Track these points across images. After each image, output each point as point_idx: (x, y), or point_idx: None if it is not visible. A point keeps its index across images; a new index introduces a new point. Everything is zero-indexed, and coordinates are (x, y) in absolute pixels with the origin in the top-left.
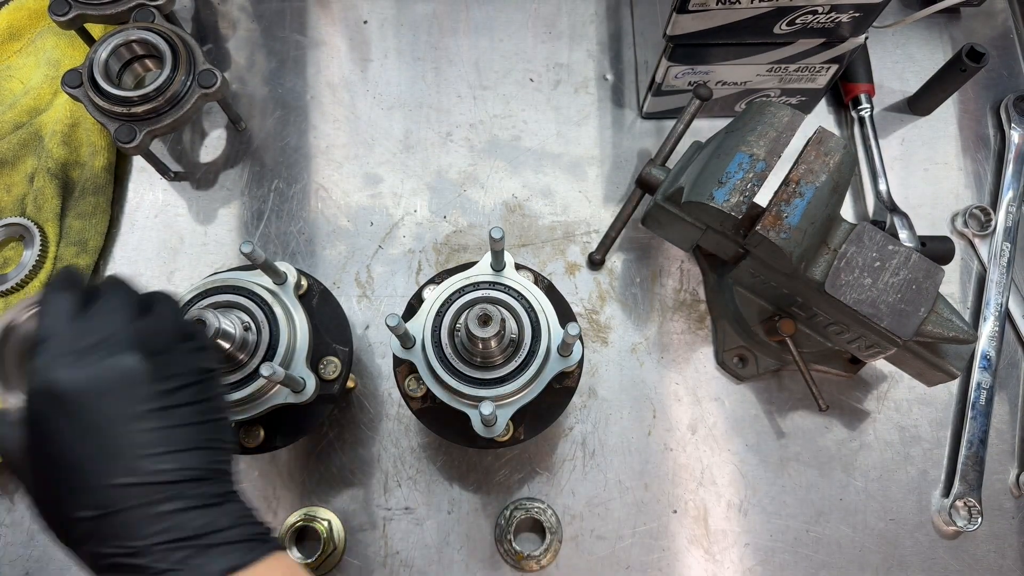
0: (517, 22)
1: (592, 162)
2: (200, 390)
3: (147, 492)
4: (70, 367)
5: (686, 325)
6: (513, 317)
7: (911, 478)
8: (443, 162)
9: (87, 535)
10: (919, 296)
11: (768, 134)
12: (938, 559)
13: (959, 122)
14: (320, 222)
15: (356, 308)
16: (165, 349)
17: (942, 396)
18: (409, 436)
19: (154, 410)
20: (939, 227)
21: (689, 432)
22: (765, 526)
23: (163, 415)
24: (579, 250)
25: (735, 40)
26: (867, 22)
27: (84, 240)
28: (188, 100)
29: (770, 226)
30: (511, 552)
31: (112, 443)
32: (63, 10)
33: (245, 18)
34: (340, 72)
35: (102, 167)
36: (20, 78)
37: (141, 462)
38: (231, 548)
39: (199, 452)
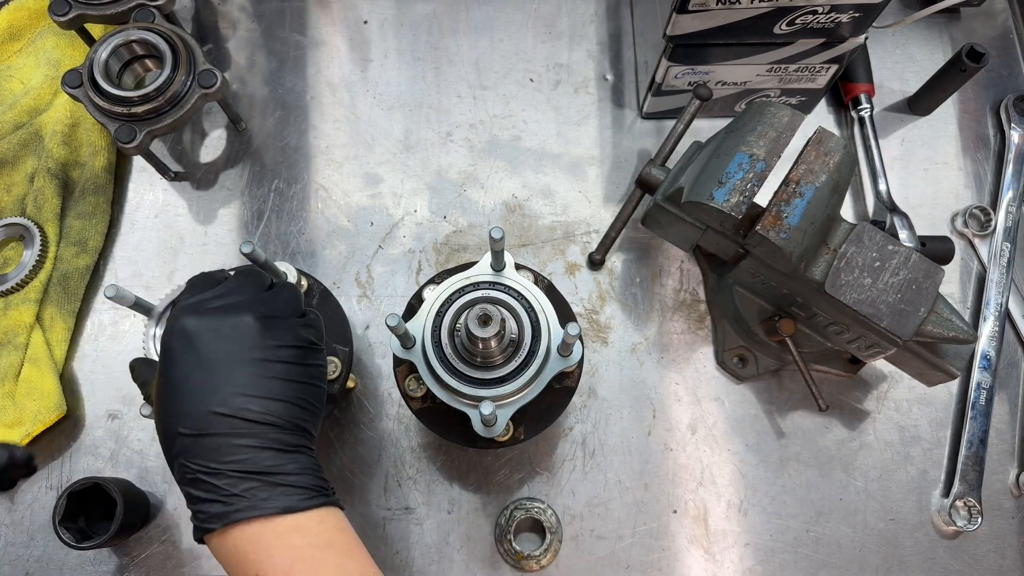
0: (517, 22)
1: (592, 162)
2: (299, 355)
3: (233, 424)
4: (199, 316)
5: (686, 325)
6: (513, 317)
7: (911, 478)
8: (443, 162)
9: (182, 450)
10: (919, 296)
11: (768, 134)
12: (938, 559)
13: (959, 122)
14: (320, 222)
15: (356, 308)
16: (278, 317)
17: (942, 396)
18: (409, 436)
19: (256, 360)
20: (939, 227)
21: (689, 432)
22: (765, 526)
23: (262, 366)
24: (579, 250)
25: (735, 40)
26: (867, 22)
27: (84, 240)
28: (188, 100)
29: (770, 226)
30: (511, 552)
31: (217, 378)
32: (63, 10)
33: (245, 18)
34: (340, 72)
35: (102, 167)
36: (20, 78)
37: (234, 399)
38: (292, 491)
39: (284, 404)
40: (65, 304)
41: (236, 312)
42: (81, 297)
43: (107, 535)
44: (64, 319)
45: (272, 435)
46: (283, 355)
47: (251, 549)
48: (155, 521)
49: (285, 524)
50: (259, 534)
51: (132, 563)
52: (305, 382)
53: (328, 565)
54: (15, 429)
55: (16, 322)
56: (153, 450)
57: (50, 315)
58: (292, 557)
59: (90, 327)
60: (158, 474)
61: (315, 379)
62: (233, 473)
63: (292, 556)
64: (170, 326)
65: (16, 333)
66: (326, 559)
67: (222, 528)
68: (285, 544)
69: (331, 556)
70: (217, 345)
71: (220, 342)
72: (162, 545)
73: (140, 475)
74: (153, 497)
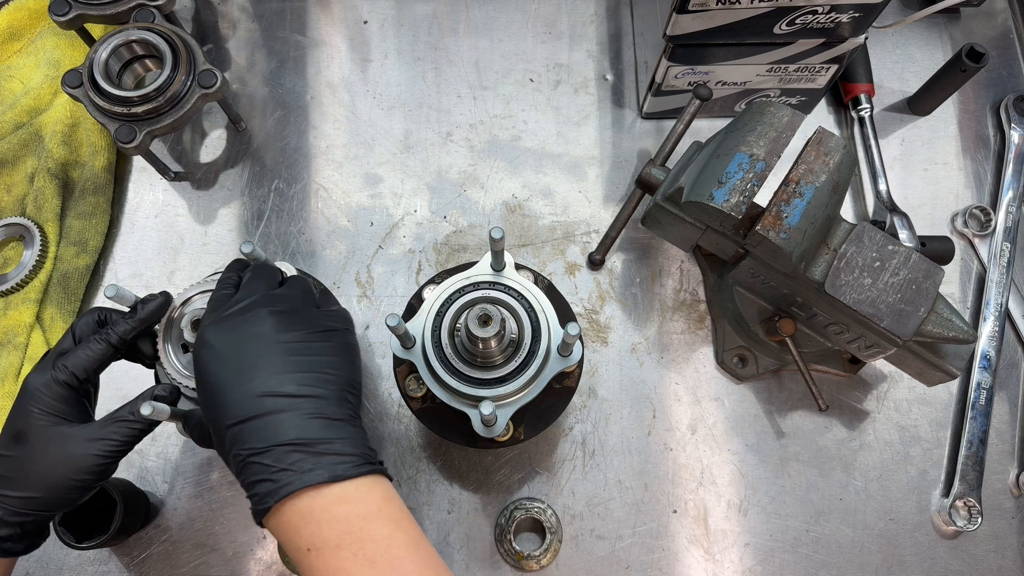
0: (517, 22)
1: (592, 162)
2: (323, 336)
3: (273, 403)
4: (217, 326)
5: (686, 325)
6: (513, 317)
7: (911, 478)
8: (443, 162)
9: (232, 441)
10: (919, 296)
11: (768, 134)
12: (938, 559)
13: (959, 122)
14: (320, 222)
15: (356, 308)
16: (293, 308)
17: (942, 396)
18: (409, 436)
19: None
20: (939, 227)
21: (689, 432)
22: (765, 526)
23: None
24: (579, 250)
25: (735, 40)
26: (867, 22)
27: (84, 240)
28: (188, 100)
29: (770, 226)
30: (511, 552)
31: (248, 370)
32: (63, 10)
33: (245, 18)
34: (340, 72)
35: (102, 167)
36: (20, 78)
37: (269, 380)
38: (339, 459)
39: (320, 376)
40: (65, 304)
41: (251, 311)
42: (81, 297)
43: (107, 535)
44: (64, 319)
45: (312, 406)
46: (308, 337)
47: (303, 523)
48: (155, 521)
49: (332, 494)
50: (309, 507)
51: (132, 563)
52: (337, 356)
53: (376, 537)
54: None
55: (16, 322)
56: (153, 450)
57: (50, 315)
58: (340, 529)
59: None
60: (158, 474)
61: (347, 355)
62: (278, 448)
63: (340, 528)
64: (197, 345)
65: (16, 333)
66: (374, 531)
67: (275, 506)
68: (333, 515)
69: (379, 527)
70: (241, 343)
71: (243, 340)
72: (162, 545)
73: (140, 475)
74: (153, 497)
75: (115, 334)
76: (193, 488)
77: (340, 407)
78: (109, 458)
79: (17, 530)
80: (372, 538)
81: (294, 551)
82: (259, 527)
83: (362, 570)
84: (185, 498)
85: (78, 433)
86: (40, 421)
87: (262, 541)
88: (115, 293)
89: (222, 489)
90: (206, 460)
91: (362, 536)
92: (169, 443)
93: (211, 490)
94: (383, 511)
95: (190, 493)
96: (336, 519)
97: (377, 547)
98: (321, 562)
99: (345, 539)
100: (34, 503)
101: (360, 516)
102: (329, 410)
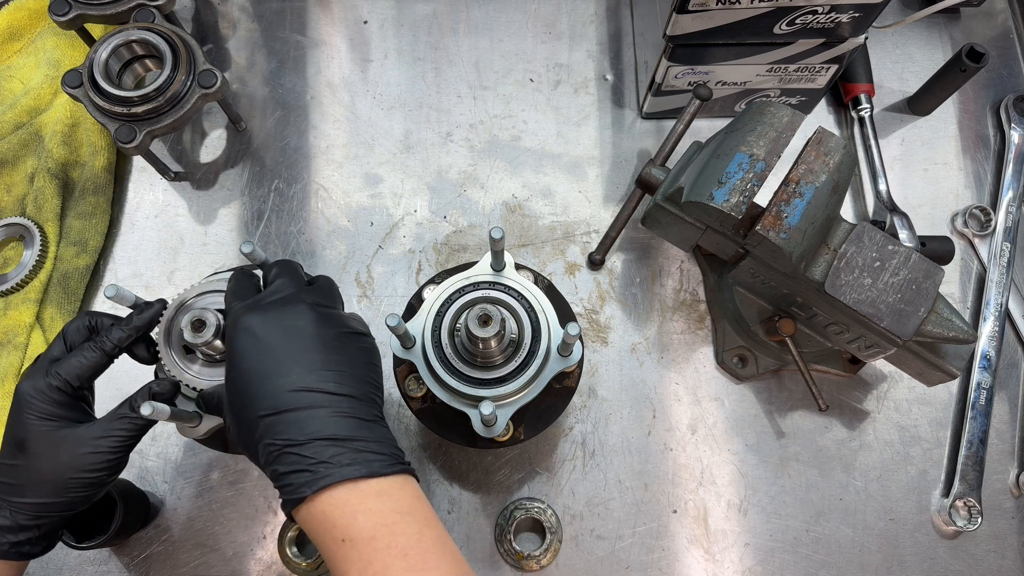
0: (517, 22)
1: (592, 162)
2: (356, 339)
3: (312, 398)
4: (258, 312)
5: (686, 325)
6: (513, 317)
7: (911, 478)
8: (443, 162)
9: (266, 430)
10: (919, 296)
11: (768, 134)
12: (938, 559)
13: (959, 122)
14: (320, 222)
15: (356, 308)
16: (327, 306)
17: (942, 396)
18: (409, 436)
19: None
20: (939, 227)
21: (689, 432)
22: (765, 526)
23: (326, 348)
24: (579, 250)
25: (735, 40)
26: (867, 22)
27: (84, 240)
28: (188, 100)
29: (770, 226)
30: (511, 552)
31: (287, 361)
32: (63, 10)
33: (245, 18)
34: (340, 72)
35: (102, 167)
36: (20, 78)
37: (308, 375)
38: (375, 457)
39: (356, 377)
40: (65, 304)
41: (292, 303)
42: (81, 297)
43: (107, 535)
44: (64, 319)
45: (349, 405)
46: (342, 338)
47: (338, 514)
48: (155, 521)
49: (369, 488)
50: (345, 498)
51: (132, 563)
52: (366, 361)
53: (408, 532)
54: None
55: (16, 322)
56: (153, 450)
57: (50, 315)
58: (375, 521)
59: None
60: (158, 474)
61: (373, 359)
62: (317, 442)
63: (375, 520)
64: (232, 327)
65: (16, 333)
66: (406, 526)
67: (311, 496)
68: (369, 508)
69: (411, 523)
70: (281, 333)
71: (283, 331)
72: (162, 545)
73: (140, 475)
74: (153, 497)
75: (110, 342)
76: (193, 488)
77: (371, 407)
78: (118, 453)
79: (35, 533)
80: (405, 532)
81: (327, 541)
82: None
83: (395, 562)
84: (185, 498)
85: (83, 433)
86: (41, 427)
87: (262, 541)
88: (115, 293)
89: (222, 489)
90: (206, 460)
91: (395, 530)
92: (169, 443)
93: (211, 490)
94: (415, 508)
95: (190, 493)
96: (372, 512)
97: (409, 540)
98: (355, 552)
99: (380, 531)
100: (50, 507)
101: (394, 511)
102: (362, 410)
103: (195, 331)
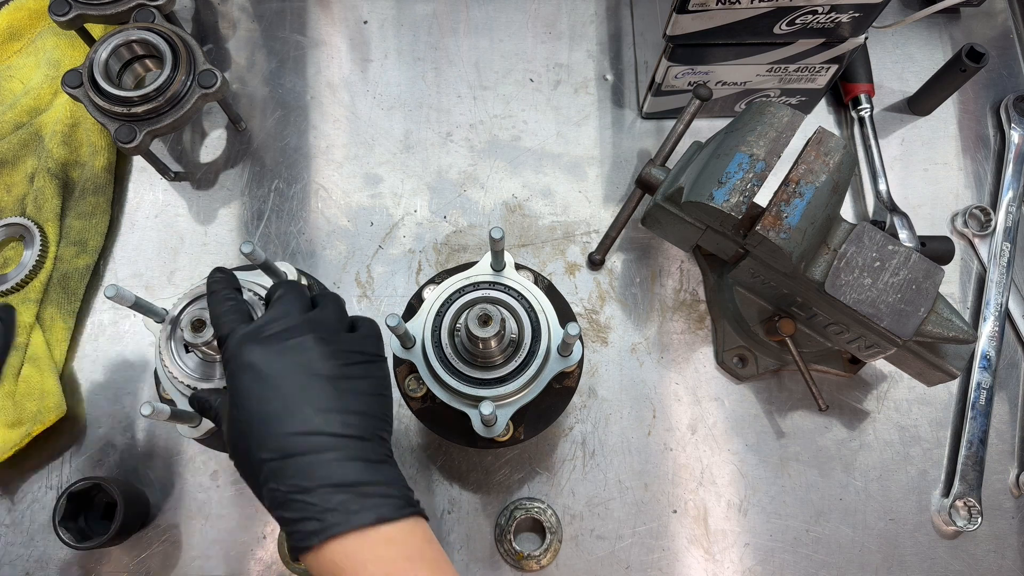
0: (517, 22)
1: (592, 162)
2: (365, 369)
3: (318, 442)
4: (260, 346)
5: (686, 325)
6: (513, 317)
7: (911, 478)
8: (443, 162)
9: (271, 475)
10: (919, 296)
11: (768, 134)
12: (938, 559)
13: (959, 122)
14: (320, 222)
15: (356, 308)
16: (334, 333)
17: (942, 396)
18: (409, 436)
19: (326, 378)
20: (939, 227)
21: (689, 432)
22: (765, 526)
23: (333, 383)
24: (579, 250)
25: (735, 40)
26: (867, 22)
27: (84, 240)
28: (188, 100)
29: (770, 226)
30: (511, 552)
31: (292, 402)
32: (63, 10)
33: (245, 18)
34: (340, 72)
35: (102, 167)
36: (20, 78)
37: (314, 417)
38: (384, 501)
39: (363, 416)
40: (65, 304)
41: (296, 335)
42: (81, 297)
43: (107, 535)
44: (64, 319)
45: (356, 448)
46: (349, 371)
47: (348, 564)
48: (155, 521)
49: (378, 536)
50: (354, 548)
51: (132, 563)
52: (375, 394)
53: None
54: (15, 429)
55: (16, 322)
56: (153, 450)
57: (50, 315)
58: (385, 570)
59: (90, 327)
60: (158, 474)
61: (382, 390)
62: (324, 488)
63: (385, 568)
64: (233, 360)
65: (16, 333)
66: (416, 572)
67: (319, 544)
68: (379, 556)
69: (421, 569)
70: (285, 370)
71: (288, 366)
72: (162, 545)
73: (140, 475)
74: (153, 497)
75: None
76: (193, 488)
77: (379, 447)
78: None
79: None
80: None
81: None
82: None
83: None
84: (185, 498)
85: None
86: None
87: (262, 541)
88: (115, 293)
89: (222, 489)
90: (206, 460)
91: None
92: (169, 443)
93: (211, 490)
94: (424, 553)
95: (190, 493)
96: (381, 560)
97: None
98: None
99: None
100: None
101: (404, 558)
102: (370, 451)
103: (195, 331)
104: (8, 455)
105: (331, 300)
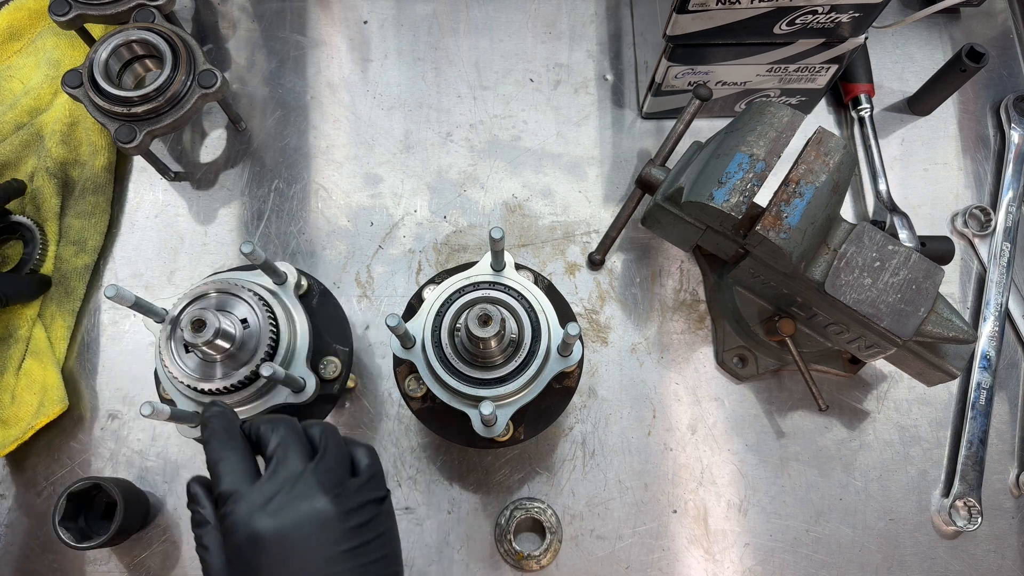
0: (517, 22)
1: (592, 162)
2: (379, 522)
3: None
4: (269, 515)
5: (686, 325)
6: (513, 317)
7: (911, 478)
8: (443, 162)
9: None
10: (919, 296)
11: (768, 134)
12: (938, 559)
13: (959, 122)
14: (320, 222)
15: (356, 308)
16: (342, 485)
17: (942, 396)
18: (409, 436)
19: (345, 550)
20: (939, 227)
21: (689, 432)
22: (765, 526)
23: (354, 554)
24: (579, 250)
25: (735, 40)
26: (867, 22)
27: (84, 239)
28: (188, 100)
29: (770, 226)
30: (511, 552)
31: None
32: (63, 10)
33: (245, 18)
34: (340, 72)
35: (102, 167)
36: (20, 78)
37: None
38: None
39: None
40: (65, 303)
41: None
42: (81, 296)
43: (107, 535)
44: (64, 318)
45: None
46: (367, 534)
47: None
48: (155, 521)
49: None
50: None
51: (132, 563)
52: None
53: None
54: (15, 425)
55: (18, 316)
56: (153, 450)
57: (50, 313)
58: None
59: (90, 327)
60: (158, 474)
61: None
62: None
63: None
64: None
65: (17, 326)
66: None
67: None
68: None
69: None
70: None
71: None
72: (162, 545)
73: (140, 475)
74: (153, 497)
75: None
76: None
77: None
78: None
79: None
80: None
81: None
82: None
83: None
84: (185, 498)
85: None
86: None
87: None
88: (115, 293)
89: None
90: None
91: None
92: (169, 443)
93: None
94: None
95: None
96: None
97: None
98: None
99: None
100: None
101: None
102: None
103: (195, 331)
104: (11, 449)
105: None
